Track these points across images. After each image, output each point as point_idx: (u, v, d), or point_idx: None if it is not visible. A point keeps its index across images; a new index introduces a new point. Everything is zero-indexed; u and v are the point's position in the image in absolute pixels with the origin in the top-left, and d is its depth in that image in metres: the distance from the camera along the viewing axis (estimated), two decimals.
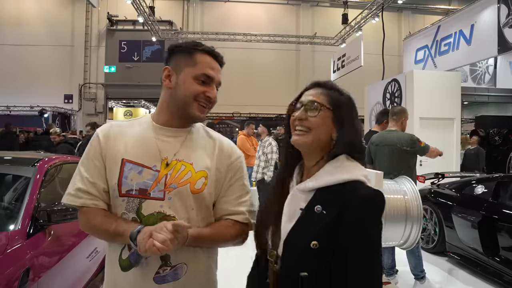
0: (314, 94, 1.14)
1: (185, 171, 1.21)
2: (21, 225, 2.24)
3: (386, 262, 3.79)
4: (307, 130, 1.11)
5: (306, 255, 1.03)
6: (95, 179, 1.23)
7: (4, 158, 2.95)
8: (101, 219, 1.20)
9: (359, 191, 1.03)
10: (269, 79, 18.61)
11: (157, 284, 1.18)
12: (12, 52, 17.56)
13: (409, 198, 2.48)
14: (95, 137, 1.27)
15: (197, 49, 1.25)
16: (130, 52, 18.57)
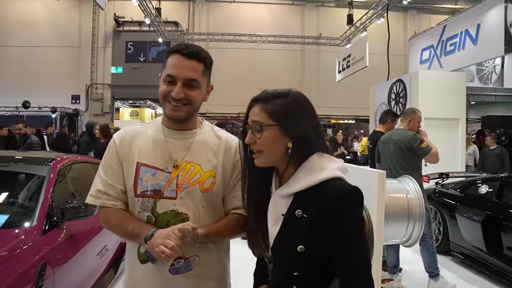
0: (256, 113, 1.12)
1: (194, 172, 1.29)
2: (38, 221, 2.34)
3: (391, 260, 3.84)
4: (259, 151, 1.12)
5: (295, 259, 1.07)
6: (114, 181, 1.32)
7: (20, 157, 3.05)
8: (118, 219, 1.29)
9: (333, 189, 1.05)
10: (275, 80, 18.54)
11: (172, 275, 1.27)
12: (21, 54, 17.80)
13: (411, 197, 2.53)
14: (112, 142, 1.37)
15: (169, 53, 1.30)
16: (136, 53, 18.74)
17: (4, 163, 2.84)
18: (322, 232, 1.03)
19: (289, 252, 1.07)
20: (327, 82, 17.46)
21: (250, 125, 1.12)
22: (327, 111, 18.96)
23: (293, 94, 1.15)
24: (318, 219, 1.03)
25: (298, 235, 1.06)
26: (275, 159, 1.12)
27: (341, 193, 1.03)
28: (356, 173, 2.78)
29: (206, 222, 1.30)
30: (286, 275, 1.10)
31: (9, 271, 1.92)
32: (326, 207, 1.02)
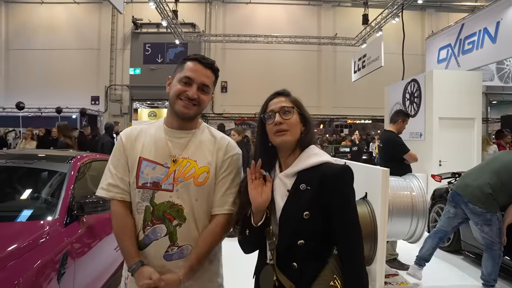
0: (283, 101, 1.41)
1: (190, 167, 1.43)
2: (59, 214, 2.51)
3: (424, 252, 3.72)
4: (286, 130, 1.36)
5: (301, 225, 1.28)
6: (122, 174, 1.48)
7: (44, 155, 3.24)
8: (118, 226, 1.45)
9: (332, 168, 1.34)
10: (291, 80, 18.68)
11: (166, 261, 1.41)
12: (43, 56, 18.39)
13: (415, 194, 2.60)
14: (119, 139, 1.52)
15: (187, 59, 1.48)
16: (154, 55, 19.09)
17: (29, 161, 3.03)
18: (324, 200, 1.29)
19: (296, 219, 1.28)
20: (343, 82, 17.42)
21: (276, 110, 1.37)
22: (343, 111, 18.91)
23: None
24: (321, 190, 1.29)
25: (303, 204, 1.29)
26: (294, 139, 1.38)
27: (339, 170, 1.32)
28: (361, 170, 2.87)
29: (199, 214, 1.44)
30: (291, 244, 1.28)
31: (37, 257, 2.09)
32: (327, 180, 1.30)
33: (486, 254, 3.60)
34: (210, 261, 1.48)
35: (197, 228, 1.43)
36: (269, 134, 1.39)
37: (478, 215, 3.48)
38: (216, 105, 19.30)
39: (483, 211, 3.43)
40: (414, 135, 7.54)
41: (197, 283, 1.44)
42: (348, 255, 1.30)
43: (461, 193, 3.54)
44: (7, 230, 2.35)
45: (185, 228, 1.41)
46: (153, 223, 1.41)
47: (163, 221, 1.41)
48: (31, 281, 1.97)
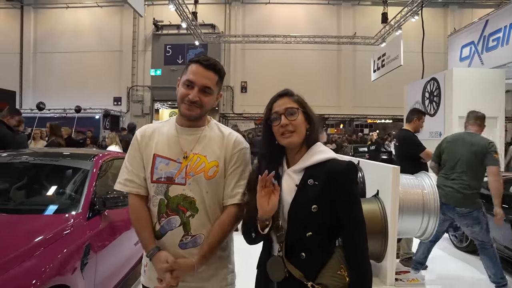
0: (287, 102, 1.45)
1: (200, 162, 1.52)
2: (82, 209, 2.66)
3: (419, 256, 3.85)
4: (292, 131, 1.41)
5: (310, 218, 1.35)
6: (138, 170, 1.58)
7: (68, 153, 3.41)
8: (135, 217, 1.56)
9: (338, 164, 1.40)
10: (310, 79, 18.67)
11: (181, 249, 1.51)
12: (68, 59, 19.01)
13: (427, 192, 2.62)
14: (135, 138, 1.63)
15: (191, 61, 1.54)
16: (174, 56, 19.42)
17: (55, 158, 3.20)
18: (331, 195, 1.35)
19: (305, 212, 1.35)
20: (363, 82, 17.28)
21: (281, 112, 1.41)
22: (363, 111, 18.75)
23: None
24: (328, 185, 1.36)
25: (311, 198, 1.36)
26: (301, 139, 1.43)
27: (345, 166, 1.39)
28: (372, 168, 2.91)
29: (210, 206, 1.53)
30: (300, 236, 1.36)
31: (61, 247, 2.26)
32: (334, 176, 1.36)
33: (482, 256, 3.63)
34: (222, 248, 1.57)
35: (208, 218, 1.52)
36: (276, 135, 1.43)
37: (465, 216, 3.57)
38: (236, 105, 19.47)
39: (470, 211, 3.54)
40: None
41: (210, 268, 1.53)
42: (353, 247, 1.37)
43: (445, 201, 3.60)
44: (35, 222, 2.52)
45: (197, 219, 1.50)
46: (168, 215, 1.51)
47: (177, 213, 1.50)
48: (57, 269, 2.14)
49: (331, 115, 19.05)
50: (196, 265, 1.45)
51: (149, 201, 1.58)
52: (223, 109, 19.54)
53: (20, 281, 1.91)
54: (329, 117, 19.17)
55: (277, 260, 1.38)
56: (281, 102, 1.45)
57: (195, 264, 1.45)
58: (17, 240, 2.21)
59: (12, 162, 3.23)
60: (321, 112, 18.81)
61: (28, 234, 2.31)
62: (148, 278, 1.59)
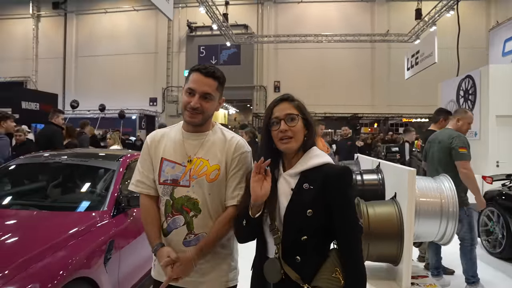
0: (288, 108, 1.47)
1: (203, 166, 1.60)
2: (108, 206, 2.82)
3: (431, 261, 3.77)
4: (291, 137, 1.44)
5: (305, 222, 1.37)
6: (148, 172, 1.69)
7: (97, 154, 3.61)
8: (144, 215, 1.67)
9: (333, 168, 1.43)
10: (344, 78, 18.42)
11: (185, 246, 1.59)
12: (106, 62, 19.85)
13: (445, 195, 2.56)
14: (146, 142, 1.74)
15: (192, 70, 1.62)
16: (208, 56, 19.77)
17: (84, 159, 3.40)
18: (326, 199, 1.37)
19: (300, 216, 1.37)
20: (398, 80, 16.81)
21: (281, 117, 1.44)
22: (398, 110, 18.26)
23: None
24: (323, 190, 1.37)
25: (307, 202, 1.37)
26: (298, 145, 1.45)
27: (340, 171, 1.42)
28: (389, 170, 2.88)
29: (213, 206, 1.61)
30: (295, 240, 1.38)
31: (87, 242, 2.44)
32: (329, 180, 1.38)
33: (460, 251, 3.58)
34: (222, 245, 1.64)
35: (211, 218, 1.60)
36: (274, 139, 1.45)
37: None
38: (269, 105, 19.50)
39: None
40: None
41: (209, 264, 1.62)
42: (348, 251, 1.39)
43: None
44: (65, 218, 2.71)
45: (200, 219, 1.58)
46: (173, 214, 1.61)
47: (181, 213, 1.59)
48: (82, 261, 2.32)
49: (364, 114, 18.69)
50: (193, 257, 1.53)
51: (159, 201, 1.68)
52: (256, 109, 19.67)
53: (50, 270, 2.11)
54: (363, 116, 18.82)
55: (273, 262, 1.40)
56: (282, 107, 1.47)
57: (192, 256, 1.53)
58: (49, 234, 2.41)
59: (46, 163, 3.46)
60: (354, 111, 18.54)
61: (58, 229, 2.49)
62: (157, 272, 1.70)
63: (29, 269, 2.06)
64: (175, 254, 1.53)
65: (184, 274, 1.53)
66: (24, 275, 2.00)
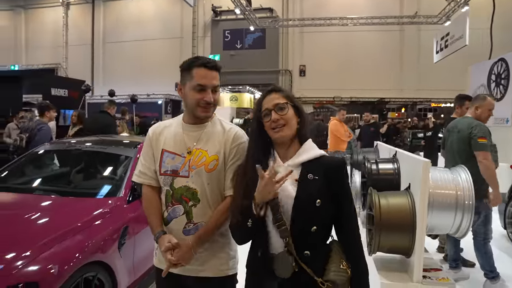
0: (276, 98, 1.48)
1: (202, 156, 1.64)
2: (124, 193, 2.90)
3: (449, 253, 3.66)
4: (283, 125, 1.45)
5: (314, 213, 1.39)
6: (150, 164, 1.73)
7: (116, 141, 3.71)
8: (146, 205, 1.73)
9: (333, 160, 1.50)
10: (370, 62, 17.95)
11: (185, 235, 1.64)
12: (133, 48, 20.17)
13: (461, 187, 2.48)
14: (148, 134, 1.78)
15: (193, 65, 1.62)
16: (233, 41, 19.71)
17: (103, 146, 3.50)
18: (330, 188, 1.41)
19: (310, 207, 1.39)
20: (427, 63, 16.17)
21: (271, 108, 1.46)
22: (427, 94, 17.69)
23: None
24: (326, 180, 1.41)
25: (314, 192, 1.39)
26: (292, 132, 1.47)
27: (338, 162, 1.49)
28: (406, 160, 2.81)
29: (212, 196, 1.64)
30: (305, 231, 1.39)
31: (102, 227, 2.56)
32: (331, 171, 1.43)
33: (474, 244, 3.47)
34: (221, 234, 1.67)
35: (210, 208, 1.63)
36: (268, 130, 1.46)
37: None
38: (294, 89, 19.36)
39: None
40: (499, 121, 6.84)
41: (208, 252, 1.66)
42: (353, 241, 1.45)
43: None
44: (82, 204, 2.82)
45: (199, 208, 1.62)
46: (173, 204, 1.65)
47: (181, 202, 1.63)
48: (98, 245, 2.44)
49: (392, 98, 18.19)
50: (192, 245, 1.57)
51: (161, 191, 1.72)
52: None
53: (68, 253, 2.24)
54: (390, 100, 18.33)
55: (284, 255, 1.37)
56: (270, 98, 1.48)
57: (192, 244, 1.57)
58: (67, 219, 2.54)
59: (67, 150, 3.59)
60: (381, 95, 18.08)
61: (75, 214, 2.61)
62: (158, 260, 1.75)
63: (49, 250, 2.18)
64: (175, 240, 1.58)
65: (184, 260, 1.56)
66: (45, 256, 2.14)
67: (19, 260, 2.06)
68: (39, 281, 2.01)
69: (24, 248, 2.15)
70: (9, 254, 2.10)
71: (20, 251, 2.12)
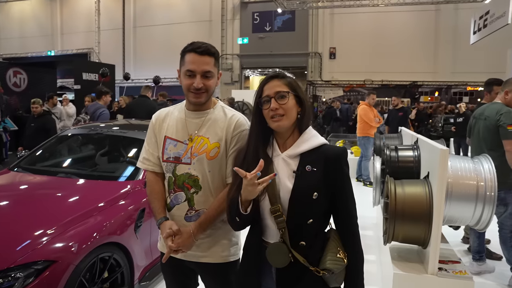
0: (278, 85, 1.42)
1: (203, 144, 1.64)
2: (142, 176, 2.97)
3: (472, 245, 3.52)
4: (282, 115, 1.39)
5: (310, 206, 1.37)
6: (153, 150, 1.75)
7: (137, 125, 3.79)
8: (149, 191, 1.75)
9: (333, 149, 1.44)
10: (402, 43, 17.27)
11: (187, 221, 1.66)
12: (162, 31, 20.33)
13: (483, 178, 2.36)
14: (151, 121, 1.80)
15: (185, 51, 1.62)
16: (262, 23, 19.46)
17: (124, 130, 3.59)
18: (329, 180, 1.38)
19: (306, 200, 1.36)
20: (464, 44, 15.36)
21: (271, 96, 1.40)
22: (462, 77, 16.88)
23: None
24: (325, 171, 1.38)
25: (311, 185, 1.36)
26: (291, 123, 1.42)
27: (339, 152, 1.42)
28: (426, 148, 2.71)
29: (213, 184, 1.64)
30: (301, 223, 1.37)
31: (120, 209, 2.66)
32: (331, 161, 1.39)
33: (499, 236, 3.33)
34: (223, 221, 1.66)
35: (212, 195, 1.64)
36: (266, 118, 1.42)
37: None
38: (324, 72, 19.02)
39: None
40: None
41: (210, 238, 1.67)
42: (352, 231, 1.43)
43: None
44: (101, 187, 2.93)
45: (201, 195, 1.64)
46: (175, 191, 1.67)
47: (183, 189, 1.65)
48: (115, 225, 2.54)
49: (425, 82, 17.50)
50: (193, 231, 1.58)
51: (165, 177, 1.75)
52: (311, 76, 19.24)
53: (87, 232, 2.35)
54: (423, 84, 17.66)
55: (279, 246, 1.37)
56: (272, 85, 1.42)
57: (192, 231, 1.58)
58: (87, 201, 2.67)
59: (89, 134, 3.71)
60: (414, 78, 17.43)
61: (95, 196, 2.72)
62: (161, 244, 1.79)
63: (70, 229, 2.31)
64: (177, 227, 1.60)
65: (184, 246, 1.58)
66: (67, 234, 2.26)
67: (44, 237, 2.20)
68: (57, 260, 2.11)
69: (48, 226, 2.28)
70: (37, 231, 2.23)
71: (45, 228, 2.26)
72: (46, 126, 5.88)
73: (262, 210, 1.42)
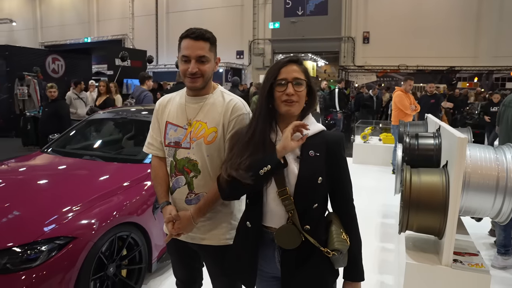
0: (296, 71, 1.43)
1: (201, 128, 1.67)
2: None
3: (498, 238, 3.39)
4: (295, 101, 1.41)
5: (316, 190, 1.41)
6: (156, 135, 1.82)
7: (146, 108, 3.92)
8: (154, 175, 1.82)
9: (332, 135, 1.50)
10: (440, 27, 16.49)
11: (187, 204, 1.71)
12: (194, 16, 20.40)
13: (504, 168, 2.26)
14: (156, 106, 1.85)
15: (182, 37, 1.64)
16: (294, 7, 19.13)
17: (147, 114, 3.70)
18: (331, 164, 1.43)
19: (312, 184, 1.40)
20: (508, 27, 14.50)
21: (290, 80, 1.41)
22: (506, 61, 15.93)
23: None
24: (328, 156, 1.42)
25: (316, 170, 1.40)
26: (299, 111, 1.46)
27: (340, 136, 1.50)
28: (445, 135, 2.62)
29: (212, 168, 1.67)
30: (307, 207, 1.41)
31: (138, 190, 2.78)
32: (332, 146, 1.44)
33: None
34: (223, 205, 1.72)
35: (211, 179, 1.67)
36: (277, 100, 1.42)
37: None
38: (357, 57, 18.58)
39: None
40: None
41: (211, 221, 1.72)
42: (351, 214, 1.49)
43: None
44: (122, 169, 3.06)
45: (200, 179, 1.68)
46: (176, 175, 1.73)
47: (183, 173, 1.70)
48: (134, 205, 2.67)
49: (463, 67, 16.67)
50: (192, 215, 1.64)
51: None
52: (344, 61, 18.84)
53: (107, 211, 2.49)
54: (461, 69, 16.83)
55: (289, 227, 1.39)
56: (290, 69, 1.42)
57: (191, 214, 1.64)
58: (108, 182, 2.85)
59: (112, 118, 3.86)
60: (451, 63, 16.66)
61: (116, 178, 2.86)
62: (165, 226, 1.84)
63: (93, 207, 2.45)
64: (176, 212, 1.66)
65: (184, 230, 1.65)
66: (91, 212, 2.41)
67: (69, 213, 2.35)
68: (78, 236, 2.25)
69: (74, 203, 2.44)
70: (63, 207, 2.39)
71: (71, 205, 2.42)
72: (58, 112, 5.92)
73: (266, 196, 1.43)
